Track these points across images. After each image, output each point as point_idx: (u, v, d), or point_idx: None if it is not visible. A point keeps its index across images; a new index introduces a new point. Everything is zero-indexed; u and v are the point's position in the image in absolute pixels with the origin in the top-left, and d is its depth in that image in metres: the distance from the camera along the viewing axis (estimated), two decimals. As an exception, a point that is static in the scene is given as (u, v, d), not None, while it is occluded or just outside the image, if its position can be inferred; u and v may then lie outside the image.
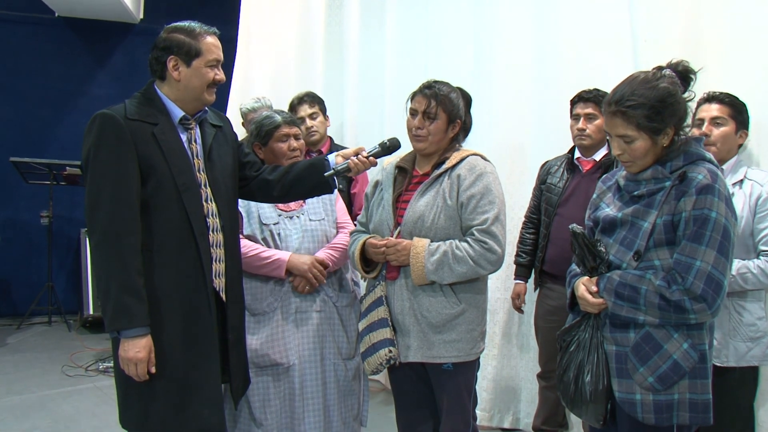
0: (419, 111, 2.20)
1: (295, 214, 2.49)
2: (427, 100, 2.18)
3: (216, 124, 2.17)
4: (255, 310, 2.40)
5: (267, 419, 2.36)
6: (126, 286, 1.86)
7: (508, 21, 3.38)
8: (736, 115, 2.38)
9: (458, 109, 2.22)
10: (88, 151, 1.93)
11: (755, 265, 2.27)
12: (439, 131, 2.20)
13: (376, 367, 2.20)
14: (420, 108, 2.19)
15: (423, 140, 2.21)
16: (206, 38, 2.00)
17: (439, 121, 2.19)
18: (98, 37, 6.05)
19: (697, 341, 1.74)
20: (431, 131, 2.19)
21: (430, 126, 2.18)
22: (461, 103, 2.25)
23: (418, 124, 2.19)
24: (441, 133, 2.20)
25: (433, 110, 2.17)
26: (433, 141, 2.21)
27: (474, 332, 2.19)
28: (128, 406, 1.99)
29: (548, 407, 3.10)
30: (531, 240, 3.09)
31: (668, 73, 1.78)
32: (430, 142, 2.21)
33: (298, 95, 3.57)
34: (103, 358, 4.55)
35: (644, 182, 1.80)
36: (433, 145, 2.22)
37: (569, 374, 1.87)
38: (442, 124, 2.19)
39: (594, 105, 2.83)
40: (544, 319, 3.03)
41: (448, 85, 2.24)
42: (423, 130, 2.19)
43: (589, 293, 1.83)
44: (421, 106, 2.19)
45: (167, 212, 1.96)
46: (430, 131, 2.19)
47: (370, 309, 2.26)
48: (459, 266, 2.10)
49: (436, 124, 2.19)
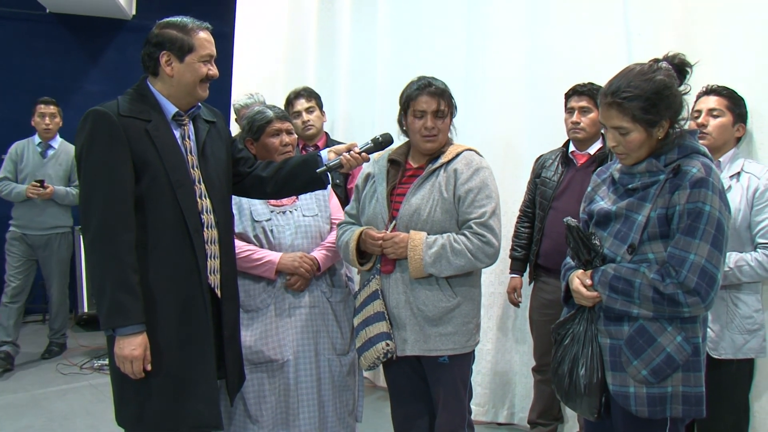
0: (428, 111, 2.20)
1: (287, 209, 2.49)
2: (436, 100, 2.19)
3: (209, 120, 2.16)
4: (248, 306, 2.40)
5: (262, 415, 2.36)
6: (121, 284, 1.86)
7: (500, 14, 3.37)
8: (733, 107, 2.40)
9: (454, 101, 2.27)
10: (81, 149, 1.92)
11: (753, 258, 2.28)
12: (446, 128, 2.24)
13: (373, 361, 2.21)
14: (429, 108, 2.19)
15: (435, 140, 2.22)
16: (199, 33, 1.99)
17: (447, 118, 2.23)
18: (90, 34, 6.01)
19: (690, 334, 1.75)
20: (441, 129, 2.22)
21: (441, 124, 2.21)
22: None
23: (431, 124, 2.19)
24: (447, 128, 2.25)
25: (445, 109, 2.20)
26: (442, 139, 2.24)
27: (470, 325, 2.20)
28: (124, 404, 1.99)
29: (543, 401, 3.11)
30: (526, 234, 3.10)
31: (664, 65, 1.78)
32: (440, 140, 2.23)
33: (295, 90, 3.58)
34: (98, 356, 4.54)
35: (638, 175, 1.81)
36: (441, 143, 2.25)
37: (564, 367, 1.88)
38: (450, 120, 2.24)
39: (588, 98, 2.83)
40: (538, 313, 3.04)
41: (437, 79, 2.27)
42: (435, 129, 2.20)
43: (583, 286, 1.84)
44: (431, 106, 2.19)
45: (161, 209, 1.95)
46: (440, 129, 2.22)
47: (366, 303, 2.27)
48: (457, 259, 2.11)
49: (445, 122, 2.22)
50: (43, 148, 4.49)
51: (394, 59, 3.81)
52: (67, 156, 4.47)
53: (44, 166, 4.45)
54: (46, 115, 4.49)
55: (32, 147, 4.49)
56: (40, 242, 4.41)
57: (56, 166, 4.48)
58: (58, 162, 4.49)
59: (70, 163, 4.45)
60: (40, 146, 4.49)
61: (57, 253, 4.48)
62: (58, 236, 4.47)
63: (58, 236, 4.47)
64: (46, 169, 4.44)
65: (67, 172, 4.50)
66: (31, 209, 4.36)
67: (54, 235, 4.44)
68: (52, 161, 4.48)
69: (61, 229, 4.48)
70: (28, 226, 4.38)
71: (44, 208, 4.38)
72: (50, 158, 4.49)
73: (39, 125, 4.49)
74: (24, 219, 4.38)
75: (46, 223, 4.40)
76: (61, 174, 4.49)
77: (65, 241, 4.53)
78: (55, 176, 4.45)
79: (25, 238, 4.40)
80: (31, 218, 4.37)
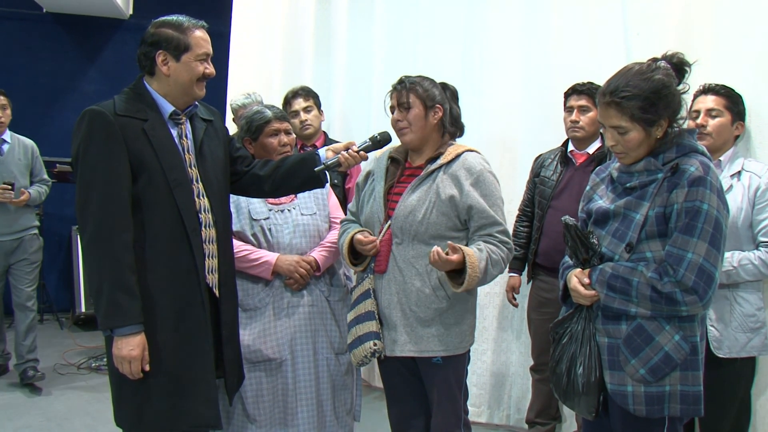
0: (395, 105, 2.24)
1: (286, 208, 2.48)
2: (398, 93, 2.23)
3: (206, 119, 2.15)
4: (246, 305, 2.39)
5: (260, 414, 2.35)
6: (118, 284, 1.85)
7: (498, 13, 3.37)
8: (731, 106, 2.40)
9: (433, 94, 2.23)
10: (77, 148, 1.92)
11: (756, 256, 2.29)
12: (418, 119, 2.21)
13: (362, 359, 2.21)
14: (395, 102, 2.24)
15: (406, 132, 2.23)
16: (195, 32, 1.99)
17: (415, 108, 2.21)
18: (87, 33, 5.99)
19: (688, 333, 1.75)
20: (410, 120, 2.21)
21: (408, 116, 2.21)
22: (438, 90, 2.25)
23: (398, 117, 2.23)
24: (420, 120, 2.21)
25: (405, 99, 2.20)
26: (417, 130, 2.22)
27: (462, 326, 2.20)
28: (123, 404, 1.99)
29: (541, 400, 3.11)
30: (525, 233, 3.10)
31: (663, 64, 1.79)
32: (414, 132, 2.22)
33: (293, 89, 3.58)
34: (96, 356, 4.53)
35: (637, 174, 1.81)
36: (418, 136, 2.23)
37: (562, 366, 1.88)
38: (419, 111, 2.21)
39: (587, 97, 2.84)
40: (536, 311, 3.04)
41: (420, 76, 2.27)
42: (403, 122, 2.22)
43: (581, 285, 1.83)
44: (395, 100, 2.24)
45: (159, 209, 1.94)
46: (410, 121, 2.21)
47: (358, 301, 2.27)
48: (495, 269, 2.15)
49: (413, 113, 2.21)
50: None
51: (391, 58, 3.81)
52: (24, 148, 4.07)
53: (3, 163, 3.97)
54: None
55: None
56: (10, 247, 3.99)
57: (17, 162, 4.02)
58: (17, 157, 4.04)
59: (29, 155, 4.08)
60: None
61: (31, 255, 4.07)
62: (30, 238, 4.07)
63: (30, 238, 4.07)
64: (7, 167, 3.97)
65: (29, 167, 4.09)
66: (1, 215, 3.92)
67: (27, 237, 4.04)
68: (10, 157, 4.01)
69: (32, 230, 4.09)
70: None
71: (13, 210, 3.96)
72: (7, 154, 4.01)
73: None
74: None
75: (18, 225, 3.99)
76: (24, 170, 4.06)
77: (37, 243, 4.13)
78: (20, 174, 4.02)
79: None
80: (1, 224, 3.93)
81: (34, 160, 4.14)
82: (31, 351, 4.04)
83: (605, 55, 2.98)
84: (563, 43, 3.15)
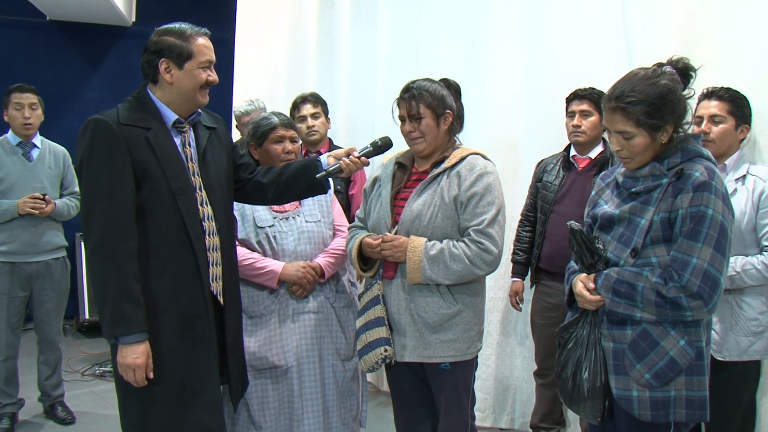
0: (405, 116, 2.22)
1: (291, 215, 2.48)
2: (407, 103, 2.21)
3: (210, 126, 2.16)
4: (252, 312, 2.40)
5: (266, 421, 2.35)
6: (123, 292, 1.86)
7: (500, 18, 3.37)
8: (735, 111, 2.38)
9: (442, 101, 2.22)
10: (81, 157, 1.92)
11: (759, 261, 2.28)
12: (430, 128, 2.20)
13: (372, 365, 2.21)
14: (405, 113, 2.22)
15: (419, 142, 2.22)
16: (197, 40, 1.99)
17: (426, 118, 2.20)
18: (90, 41, 6.02)
19: (694, 338, 1.75)
20: (423, 131, 2.20)
21: (420, 126, 2.20)
22: (445, 93, 2.24)
23: (409, 128, 2.22)
24: (433, 129, 2.21)
25: (416, 110, 2.19)
26: (430, 140, 2.22)
27: (471, 332, 2.20)
28: (128, 411, 1.99)
29: (545, 405, 3.11)
30: (527, 238, 3.10)
31: (668, 69, 1.79)
32: (427, 141, 2.22)
33: (302, 94, 3.58)
34: (100, 363, 4.53)
35: (642, 179, 1.81)
36: (431, 144, 2.23)
37: (567, 371, 1.88)
38: (431, 120, 2.20)
39: (589, 102, 2.84)
40: (540, 316, 3.03)
41: (428, 80, 2.25)
42: (415, 132, 2.21)
43: (586, 290, 1.83)
44: (405, 111, 2.22)
45: (163, 217, 1.95)
46: (422, 131, 2.20)
47: (367, 307, 2.27)
48: (455, 264, 2.10)
49: (424, 123, 2.20)
50: (24, 150, 3.41)
51: (394, 63, 3.81)
52: (55, 157, 3.51)
53: (32, 171, 3.39)
54: (24, 106, 3.39)
55: (9, 148, 3.38)
56: (36, 271, 3.39)
57: (47, 171, 3.44)
58: (47, 165, 3.46)
59: (60, 164, 3.52)
60: (20, 147, 3.40)
61: (59, 283, 3.48)
62: (57, 262, 3.47)
63: (57, 262, 3.47)
64: (37, 175, 3.40)
65: (60, 177, 3.51)
66: (25, 230, 3.32)
67: (53, 260, 3.45)
68: (40, 164, 3.43)
69: (60, 252, 3.49)
70: (21, 252, 3.32)
71: (41, 228, 3.36)
72: (36, 161, 3.42)
73: (16, 120, 3.39)
74: (15, 243, 3.30)
75: (44, 244, 3.39)
76: (55, 181, 3.48)
77: (65, 269, 3.53)
78: (50, 184, 3.44)
79: (17, 269, 3.33)
80: (26, 241, 3.33)
81: (66, 170, 3.55)
82: (56, 387, 3.57)
83: (608, 59, 2.98)
84: (566, 47, 3.14)
